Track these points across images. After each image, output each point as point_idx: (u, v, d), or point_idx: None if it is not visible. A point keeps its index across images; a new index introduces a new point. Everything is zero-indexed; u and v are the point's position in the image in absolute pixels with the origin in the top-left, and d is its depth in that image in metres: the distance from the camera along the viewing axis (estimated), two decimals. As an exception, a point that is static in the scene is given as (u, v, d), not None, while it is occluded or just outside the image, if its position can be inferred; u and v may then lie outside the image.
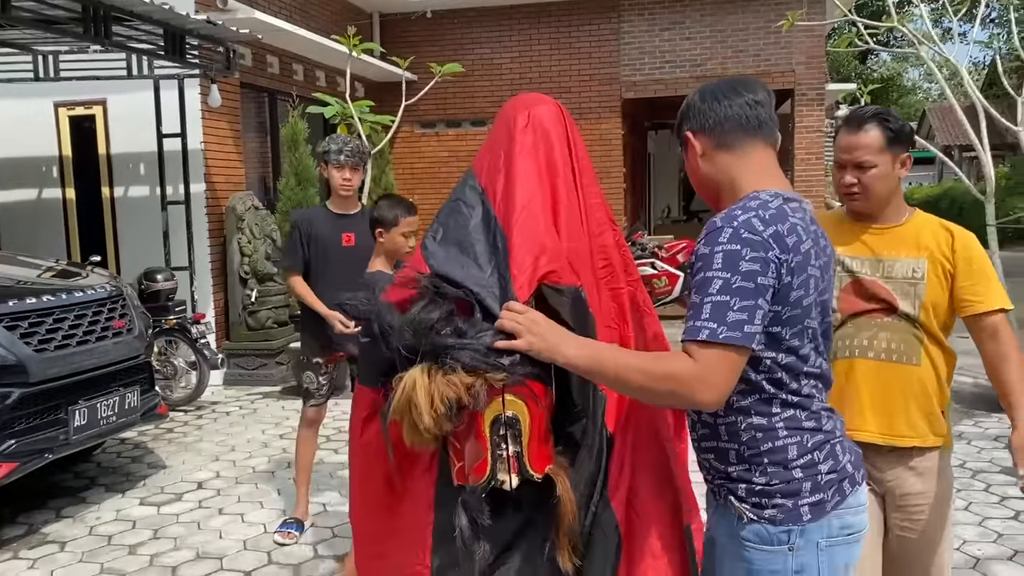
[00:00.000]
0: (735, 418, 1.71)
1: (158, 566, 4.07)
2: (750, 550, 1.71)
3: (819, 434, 1.72)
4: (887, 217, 2.43)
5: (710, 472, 1.81)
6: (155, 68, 7.50)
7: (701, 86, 1.88)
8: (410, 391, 1.67)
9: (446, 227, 1.92)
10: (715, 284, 1.58)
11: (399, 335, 1.73)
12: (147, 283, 6.92)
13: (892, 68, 32.09)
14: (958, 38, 8.48)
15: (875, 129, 2.33)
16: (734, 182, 1.76)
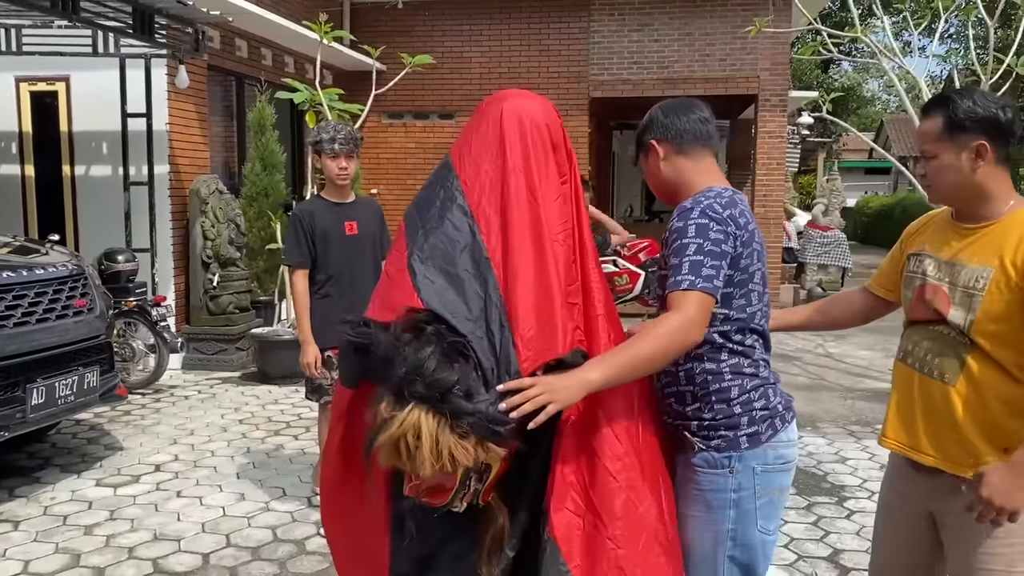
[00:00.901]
0: (691, 364, 2.08)
1: (114, 547, 4.05)
2: (699, 473, 2.09)
3: (756, 379, 2.11)
4: (977, 215, 2.13)
5: (671, 414, 2.16)
6: (121, 46, 7.40)
7: (661, 104, 2.25)
8: (411, 433, 1.70)
9: (433, 248, 1.90)
10: (691, 248, 1.97)
11: (408, 381, 1.72)
12: (107, 264, 6.85)
13: (853, 78, 32.68)
14: (917, 52, 8.71)
15: (937, 116, 2.11)
16: (690, 182, 2.18)
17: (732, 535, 2.09)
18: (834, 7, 20.94)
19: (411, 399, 1.71)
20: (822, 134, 21.56)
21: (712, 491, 2.08)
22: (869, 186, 33.62)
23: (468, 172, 1.97)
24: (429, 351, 1.73)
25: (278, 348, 7.36)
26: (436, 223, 1.92)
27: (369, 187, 11.49)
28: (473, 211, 1.93)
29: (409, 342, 1.75)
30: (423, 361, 1.72)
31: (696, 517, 2.10)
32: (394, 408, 1.73)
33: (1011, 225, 2.06)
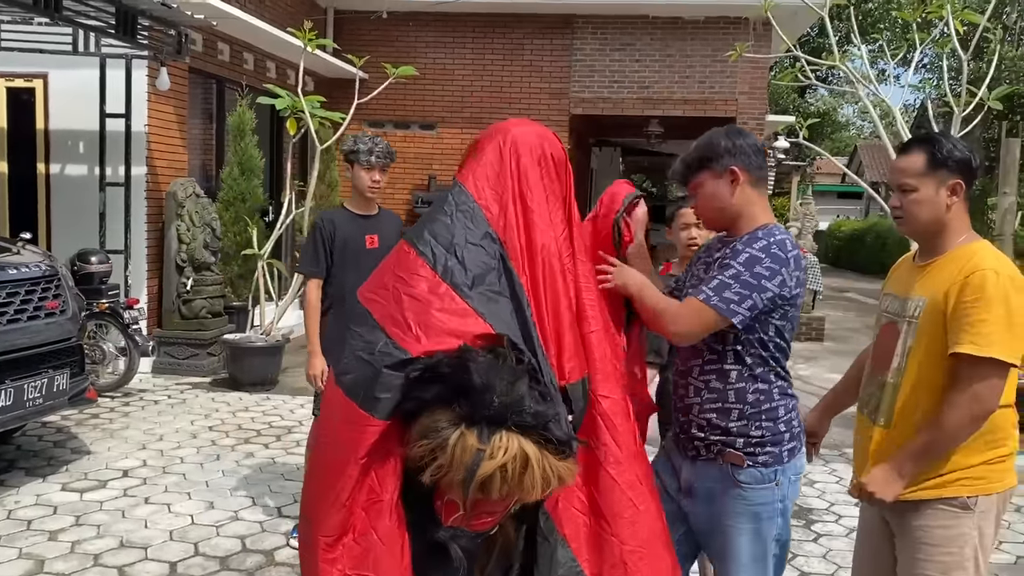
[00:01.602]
0: (744, 384, 2.23)
1: (79, 553, 4.00)
2: (747, 489, 2.23)
3: (793, 399, 2.31)
4: (934, 249, 2.30)
5: (707, 429, 2.26)
6: (102, 46, 7.35)
7: (732, 130, 2.34)
8: (516, 462, 1.65)
9: (476, 276, 1.88)
10: (729, 271, 2.16)
11: (514, 412, 1.67)
12: (80, 264, 6.77)
13: (828, 104, 33.13)
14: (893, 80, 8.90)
15: (919, 152, 2.26)
16: (755, 215, 2.29)
17: (778, 538, 2.30)
18: (812, 33, 21.25)
19: (513, 429, 1.66)
20: (797, 157, 21.82)
21: (762, 504, 2.24)
22: (841, 210, 34.06)
23: (487, 199, 1.97)
24: (524, 381, 1.71)
25: (250, 354, 7.31)
26: (465, 249, 1.90)
27: (348, 195, 11.46)
28: (500, 237, 1.94)
29: (507, 372, 1.71)
30: (524, 394, 1.68)
31: (746, 529, 2.26)
32: (480, 438, 1.65)
33: (955, 258, 2.24)
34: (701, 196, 2.34)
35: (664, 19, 11.42)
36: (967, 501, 2.21)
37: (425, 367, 1.71)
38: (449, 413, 1.69)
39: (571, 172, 2.15)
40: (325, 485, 1.79)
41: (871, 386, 2.39)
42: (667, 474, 2.44)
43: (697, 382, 2.29)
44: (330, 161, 10.28)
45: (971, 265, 2.17)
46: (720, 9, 11.17)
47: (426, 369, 1.71)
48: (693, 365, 2.30)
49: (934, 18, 7.16)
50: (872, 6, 24.24)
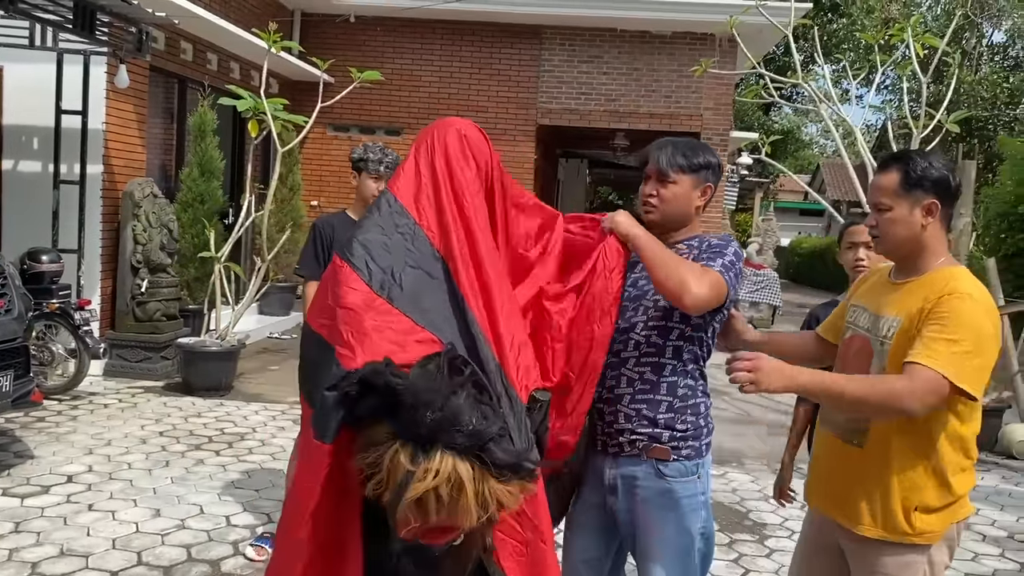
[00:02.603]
0: (676, 378, 2.31)
1: (17, 561, 3.86)
2: (672, 482, 2.30)
3: (709, 398, 2.41)
4: (911, 269, 2.26)
5: (635, 420, 2.30)
6: (60, 41, 7.19)
7: (698, 144, 2.44)
8: (448, 485, 1.56)
9: (416, 292, 1.82)
10: (723, 259, 2.28)
11: (444, 431, 1.57)
12: (30, 263, 6.58)
13: (792, 122, 33.60)
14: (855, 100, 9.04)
15: (894, 171, 2.22)
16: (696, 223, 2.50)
17: (702, 531, 2.34)
18: (778, 52, 21.55)
19: (446, 449, 1.56)
20: (760, 174, 22.09)
21: (687, 497, 2.31)
22: (803, 227, 34.51)
23: (428, 220, 1.91)
24: (464, 395, 1.61)
25: (205, 359, 7.17)
26: (404, 272, 1.84)
27: (309, 199, 11.36)
28: (443, 255, 1.88)
29: (442, 386, 1.62)
30: (461, 408, 1.58)
31: (672, 523, 2.31)
32: (415, 457, 1.56)
33: (932, 280, 2.18)
34: (676, 199, 2.41)
35: (632, 33, 11.50)
36: (925, 547, 2.18)
37: (357, 381, 1.63)
38: (386, 426, 1.61)
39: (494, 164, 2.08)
40: (295, 503, 1.80)
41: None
42: (588, 488, 2.43)
43: (631, 372, 2.32)
44: (292, 164, 10.18)
45: (949, 287, 2.12)
46: (687, 25, 11.26)
47: (359, 383, 1.62)
48: (628, 356, 2.33)
49: (896, 41, 7.27)
50: (836, 27, 24.66)
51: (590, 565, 2.47)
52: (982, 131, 22.46)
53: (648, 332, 2.31)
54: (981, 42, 24.95)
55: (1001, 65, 25.07)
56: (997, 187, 17.25)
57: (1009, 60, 25.55)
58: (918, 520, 2.15)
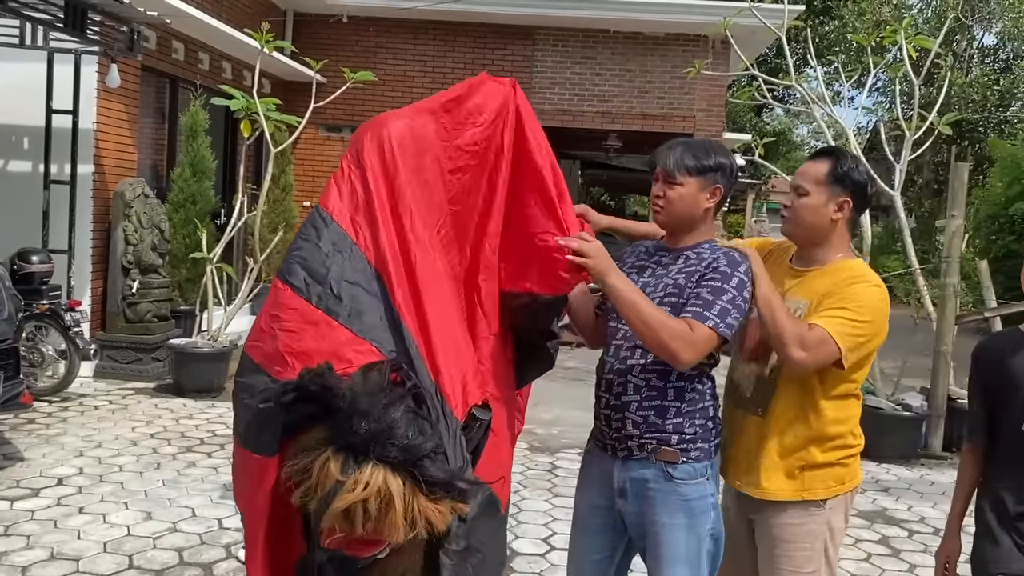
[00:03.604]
0: (683, 383, 2.29)
1: (6, 565, 3.83)
2: (681, 485, 2.29)
3: (717, 400, 2.41)
4: (812, 259, 2.44)
5: (643, 427, 2.29)
6: (51, 40, 7.14)
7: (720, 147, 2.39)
8: (377, 499, 1.53)
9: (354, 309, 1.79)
10: (725, 296, 2.20)
11: (377, 443, 1.54)
12: (20, 264, 6.54)
13: (784, 123, 33.68)
14: (847, 102, 9.06)
15: (823, 163, 2.39)
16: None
17: (711, 532, 2.33)
18: (770, 53, 21.60)
19: (378, 462, 1.53)
20: (752, 175, 22.13)
21: (697, 499, 2.30)
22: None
23: (365, 237, 1.89)
24: (400, 408, 1.58)
25: (196, 360, 7.14)
26: (341, 286, 1.82)
27: (302, 199, 11.33)
28: (379, 270, 1.85)
29: (381, 396, 1.59)
30: (397, 421, 1.55)
31: (682, 524, 2.29)
32: (344, 466, 1.53)
33: (837, 269, 2.39)
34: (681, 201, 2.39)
35: (625, 34, 11.50)
36: (819, 502, 2.39)
37: (294, 388, 1.59)
38: (320, 433, 1.57)
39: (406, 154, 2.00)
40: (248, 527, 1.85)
41: (741, 375, 2.51)
42: (596, 490, 2.43)
43: (637, 380, 2.31)
44: (285, 165, 10.14)
45: (856, 275, 2.35)
46: (680, 26, 11.27)
47: (295, 389, 1.59)
48: (634, 364, 2.32)
49: (888, 42, 7.29)
50: (828, 29, 24.73)
51: (596, 566, 2.47)
52: (973, 133, 22.54)
53: None
54: (972, 44, 25.06)
55: (992, 67, 25.17)
56: (988, 189, 17.38)
57: (999, 62, 25.66)
58: (816, 476, 2.38)
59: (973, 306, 10.86)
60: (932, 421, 6.70)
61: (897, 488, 5.85)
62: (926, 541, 4.81)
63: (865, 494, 5.65)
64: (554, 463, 5.86)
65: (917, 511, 5.37)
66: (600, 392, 2.41)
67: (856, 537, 4.84)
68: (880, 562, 4.51)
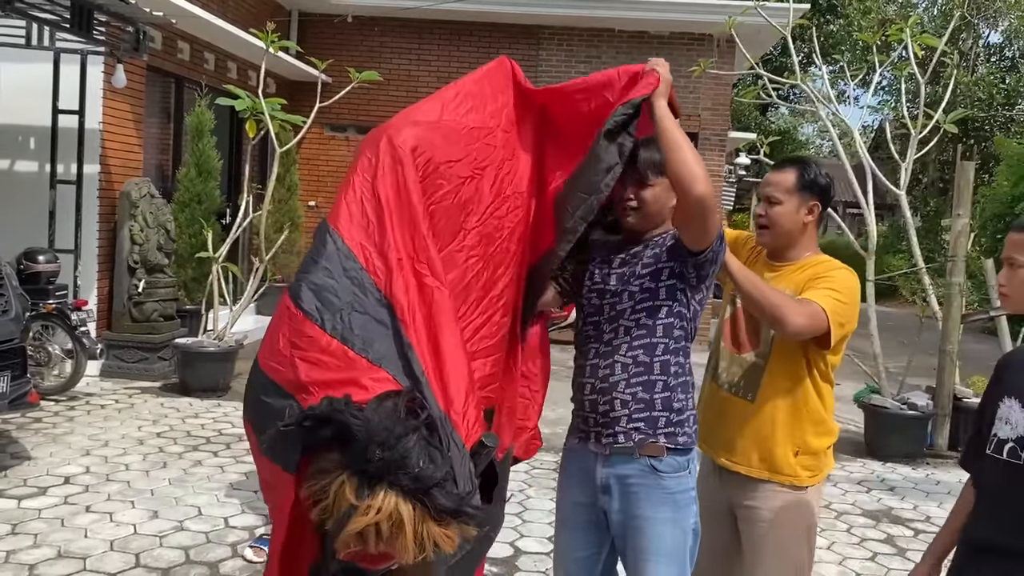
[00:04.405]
0: (668, 356, 2.30)
1: (14, 563, 3.85)
2: (666, 478, 2.29)
3: (693, 376, 2.41)
4: (786, 256, 2.61)
5: (631, 404, 2.29)
6: (57, 41, 7.17)
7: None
8: (388, 523, 1.59)
9: (366, 338, 1.81)
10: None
11: (390, 471, 1.60)
12: (27, 263, 6.57)
13: (789, 122, 33.63)
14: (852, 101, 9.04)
15: (791, 172, 2.56)
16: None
17: (693, 527, 2.35)
18: (775, 52, 21.56)
19: (391, 488, 1.59)
20: (757, 174, 22.11)
21: (680, 492, 2.31)
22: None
23: (374, 263, 1.89)
24: (414, 438, 1.63)
25: (202, 360, 7.15)
26: (352, 315, 1.84)
27: (307, 199, 11.35)
28: (389, 298, 1.86)
29: (396, 426, 1.64)
30: (410, 450, 1.61)
31: (667, 518, 2.30)
32: (359, 491, 1.60)
33: (813, 262, 2.57)
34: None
35: (630, 33, 11.48)
36: (806, 487, 2.54)
37: (315, 416, 1.66)
38: (337, 456, 1.64)
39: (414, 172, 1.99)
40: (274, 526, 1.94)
41: (732, 365, 2.62)
42: (578, 487, 2.44)
43: (624, 359, 2.32)
44: (290, 164, 10.16)
45: (835, 265, 2.54)
46: (685, 25, 11.25)
47: (315, 418, 1.65)
48: (620, 343, 2.33)
49: (893, 40, 7.27)
50: (834, 28, 24.68)
51: (581, 563, 2.47)
52: (979, 132, 22.48)
53: (636, 315, 2.32)
54: (978, 43, 24.99)
55: (997, 66, 25.10)
56: (994, 188, 17.33)
57: (1005, 61, 25.59)
58: (799, 462, 2.52)
59: (979, 305, 10.83)
60: (938, 420, 6.69)
61: (903, 487, 5.84)
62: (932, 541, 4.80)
63: (871, 493, 5.65)
64: (559, 462, 5.85)
65: (923, 510, 5.36)
66: (584, 379, 2.39)
67: (862, 536, 4.84)
68: (886, 561, 4.50)
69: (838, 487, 5.68)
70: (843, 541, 4.74)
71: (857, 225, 21.56)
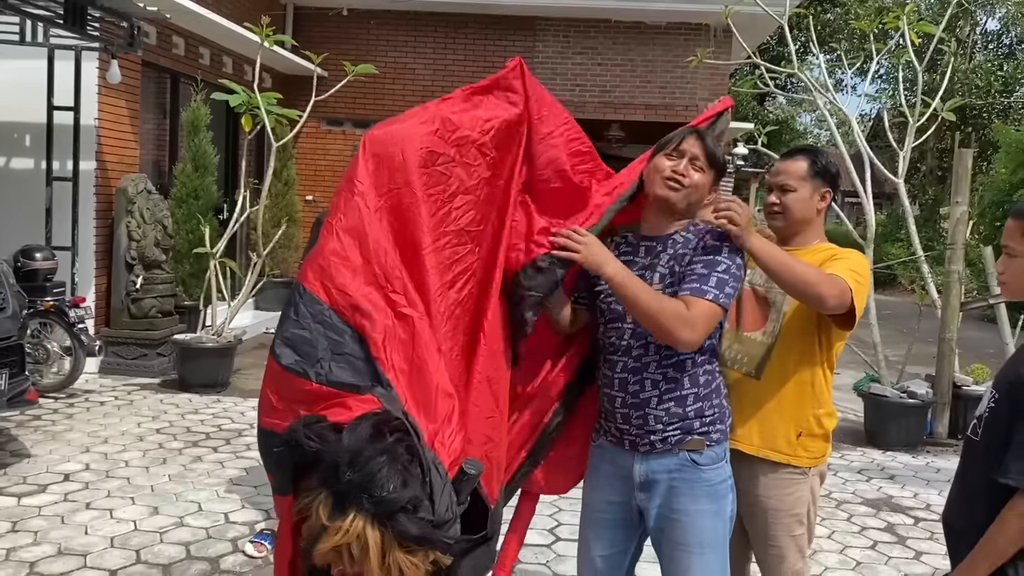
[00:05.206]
0: (696, 369, 2.29)
1: (15, 561, 3.85)
2: (707, 471, 2.30)
3: (723, 377, 2.42)
4: (797, 244, 2.62)
5: (665, 420, 2.28)
6: (51, 37, 7.14)
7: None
8: (356, 545, 1.61)
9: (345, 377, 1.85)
10: (720, 266, 2.20)
11: (354, 494, 1.62)
12: (24, 261, 6.55)
13: (787, 112, 33.57)
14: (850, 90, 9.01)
15: (803, 160, 2.60)
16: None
17: (731, 515, 2.37)
18: (772, 42, 21.51)
19: (360, 511, 1.61)
20: (755, 164, 22.07)
21: (719, 483, 2.32)
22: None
23: (339, 304, 1.90)
24: (382, 460, 1.63)
25: (201, 355, 7.15)
26: (332, 361, 1.86)
27: (305, 194, 11.32)
28: (364, 335, 1.88)
29: (364, 448, 1.65)
30: (374, 473, 1.61)
31: (707, 511, 2.30)
32: (332, 513, 1.62)
33: (818, 250, 2.59)
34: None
35: (626, 23, 11.45)
36: (805, 469, 2.56)
37: (285, 440, 1.70)
38: (315, 478, 1.68)
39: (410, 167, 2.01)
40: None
41: (735, 342, 2.63)
42: (610, 486, 2.41)
43: (655, 375, 2.29)
44: (286, 159, 10.13)
45: (840, 249, 2.58)
46: (681, 15, 11.22)
47: (286, 442, 1.70)
48: (649, 361, 2.28)
49: (891, 28, 7.25)
50: (831, 16, 24.63)
51: (608, 561, 2.45)
52: (977, 119, 22.45)
53: None
54: (975, 30, 24.93)
55: (995, 53, 25.05)
56: (992, 175, 17.31)
57: (1003, 48, 25.54)
58: (801, 443, 2.54)
59: (978, 293, 10.83)
60: (937, 408, 6.69)
61: (903, 476, 5.84)
62: (932, 528, 4.80)
63: (871, 482, 5.65)
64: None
65: (923, 498, 5.36)
66: (613, 392, 2.33)
67: (862, 525, 4.84)
68: (886, 549, 4.51)
69: (838, 476, 5.69)
70: (843, 530, 4.74)
71: (856, 214, 21.53)
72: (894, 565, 4.31)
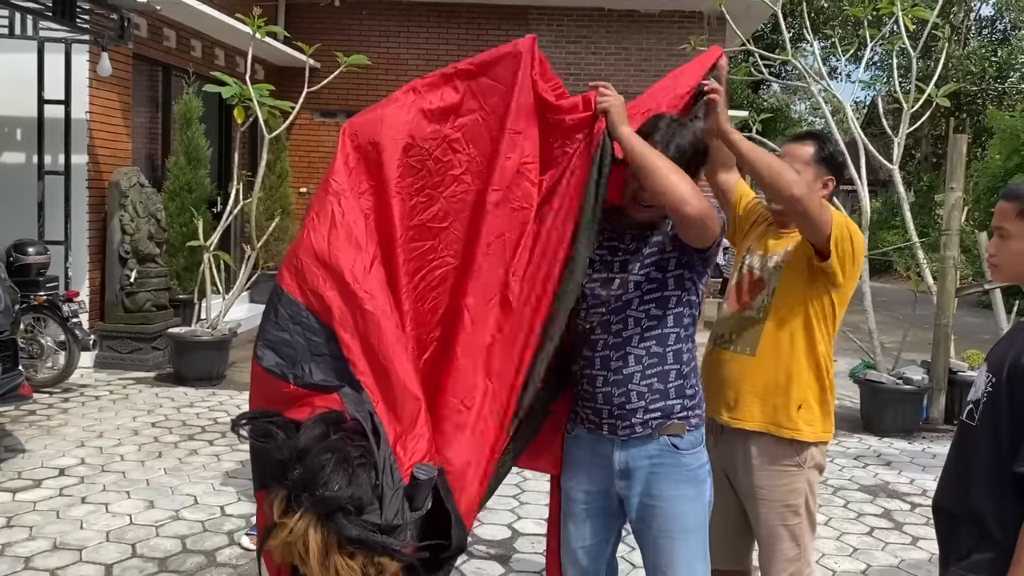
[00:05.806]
0: (680, 345, 2.29)
1: (10, 556, 3.83)
2: (687, 455, 2.29)
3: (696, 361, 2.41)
4: (792, 225, 2.61)
5: (647, 396, 2.26)
6: (40, 29, 7.09)
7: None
8: (300, 544, 1.63)
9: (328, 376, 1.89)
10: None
11: (296, 491, 1.64)
12: (16, 256, 6.52)
13: (781, 100, 33.52)
14: (844, 77, 9.00)
15: (810, 145, 2.61)
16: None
17: (710, 500, 2.36)
18: (766, 29, 21.45)
19: (307, 510, 1.62)
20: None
21: (699, 467, 2.32)
22: (793, 205, 34.42)
23: (314, 305, 1.93)
24: (327, 458, 1.63)
25: (196, 349, 7.13)
26: (312, 362, 1.90)
27: (298, 186, 11.29)
28: (339, 335, 1.91)
29: (312, 446, 1.65)
30: (317, 471, 1.62)
31: (688, 495, 2.30)
32: (284, 511, 1.64)
33: None
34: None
35: (620, 12, 11.41)
36: (799, 458, 2.56)
37: (252, 438, 1.74)
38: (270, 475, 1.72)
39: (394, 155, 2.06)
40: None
41: (732, 321, 2.66)
42: (587, 475, 2.37)
43: (637, 350, 2.28)
44: (280, 151, 10.10)
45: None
46: (675, 3, 11.18)
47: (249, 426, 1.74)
48: (631, 335, 2.27)
49: (884, 13, 7.22)
50: (824, 3, 24.56)
51: (589, 551, 2.41)
52: (971, 105, 22.43)
53: (646, 306, 2.26)
54: (969, 16, 24.90)
55: (989, 39, 25.03)
56: (987, 161, 17.31)
57: (997, 33, 25.51)
58: (801, 416, 2.55)
59: (973, 279, 10.84)
60: (933, 394, 6.71)
61: (899, 461, 5.85)
62: (928, 514, 4.80)
63: (867, 468, 5.66)
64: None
65: (919, 484, 5.37)
66: (595, 371, 2.29)
67: (859, 511, 4.85)
68: (883, 535, 4.51)
69: (835, 463, 5.69)
70: (840, 516, 4.75)
71: (851, 201, 21.51)
72: (891, 551, 4.32)
